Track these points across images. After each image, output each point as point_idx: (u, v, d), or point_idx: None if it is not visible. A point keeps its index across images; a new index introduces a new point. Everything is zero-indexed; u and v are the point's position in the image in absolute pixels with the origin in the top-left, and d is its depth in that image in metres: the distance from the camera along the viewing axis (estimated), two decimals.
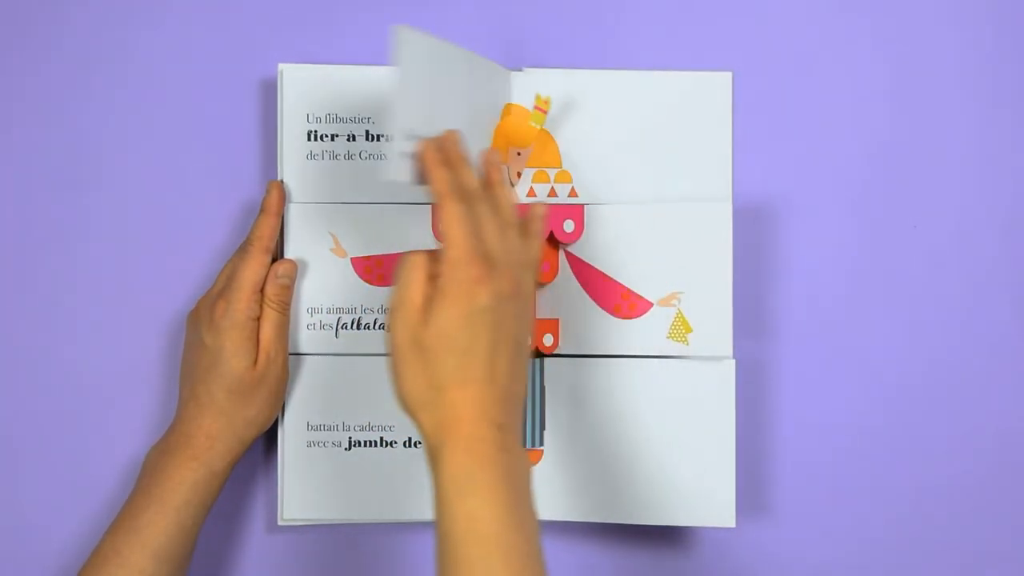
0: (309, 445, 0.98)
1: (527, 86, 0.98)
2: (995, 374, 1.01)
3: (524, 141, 0.98)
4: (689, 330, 0.96)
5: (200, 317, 0.94)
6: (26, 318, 1.00)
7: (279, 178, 0.98)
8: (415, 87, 0.86)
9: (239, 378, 0.93)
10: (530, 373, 0.97)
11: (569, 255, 0.98)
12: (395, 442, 0.98)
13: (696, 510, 0.97)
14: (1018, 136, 1.01)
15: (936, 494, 1.01)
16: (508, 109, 0.98)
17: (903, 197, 1.01)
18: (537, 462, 0.98)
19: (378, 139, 0.98)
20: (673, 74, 0.99)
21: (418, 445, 0.98)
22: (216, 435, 0.93)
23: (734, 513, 0.96)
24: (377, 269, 0.98)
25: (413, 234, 0.98)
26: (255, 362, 0.93)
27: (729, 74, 0.98)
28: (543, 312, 0.98)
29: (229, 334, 0.92)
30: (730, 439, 0.97)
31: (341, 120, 0.98)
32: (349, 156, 0.98)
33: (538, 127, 0.97)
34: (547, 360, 0.98)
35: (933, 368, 1.01)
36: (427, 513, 0.97)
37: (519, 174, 0.98)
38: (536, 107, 0.97)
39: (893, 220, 1.01)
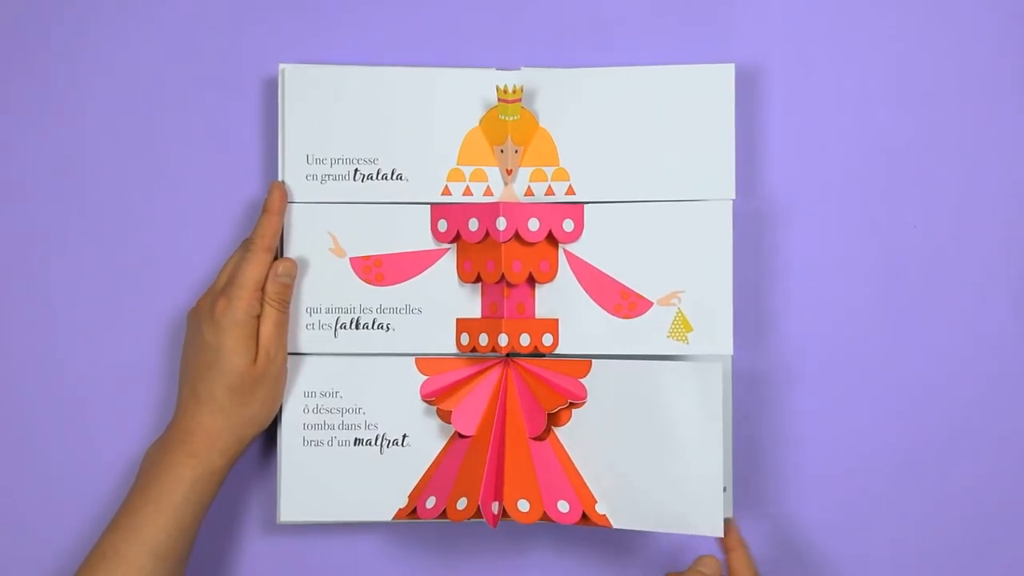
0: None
1: (527, 85, 0.98)
2: (995, 374, 1.01)
3: (499, 137, 0.98)
4: (689, 329, 0.96)
5: (201, 315, 0.94)
6: (27, 317, 1.00)
7: (280, 178, 0.98)
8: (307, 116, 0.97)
9: (239, 375, 0.93)
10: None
11: (568, 254, 0.98)
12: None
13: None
14: (1018, 136, 1.01)
15: (934, 491, 1.01)
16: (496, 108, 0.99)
17: (903, 197, 1.01)
18: None
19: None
20: (673, 68, 0.98)
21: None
22: (215, 433, 0.93)
23: (731, 506, 0.97)
24: (376, 269, 0.98)
25: (412, 234, 0.98)
26: (255, 360, 0.93)
27: (731, 66, 0.97)
28: (542, 312, 0.98)
29: (230, 332, 0.92)
30: (728, 437, 0.97)
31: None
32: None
33: (510, 119, 0.97)
34: (546, 360, 0.98)
35: (932, 367, 1.01)
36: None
37: (510, 171, 0.98)
38: (500, 100, 0.97)
39: (893, 220, 1.01)
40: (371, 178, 0.98)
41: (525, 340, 0.96)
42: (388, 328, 0.98)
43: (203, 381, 0.93)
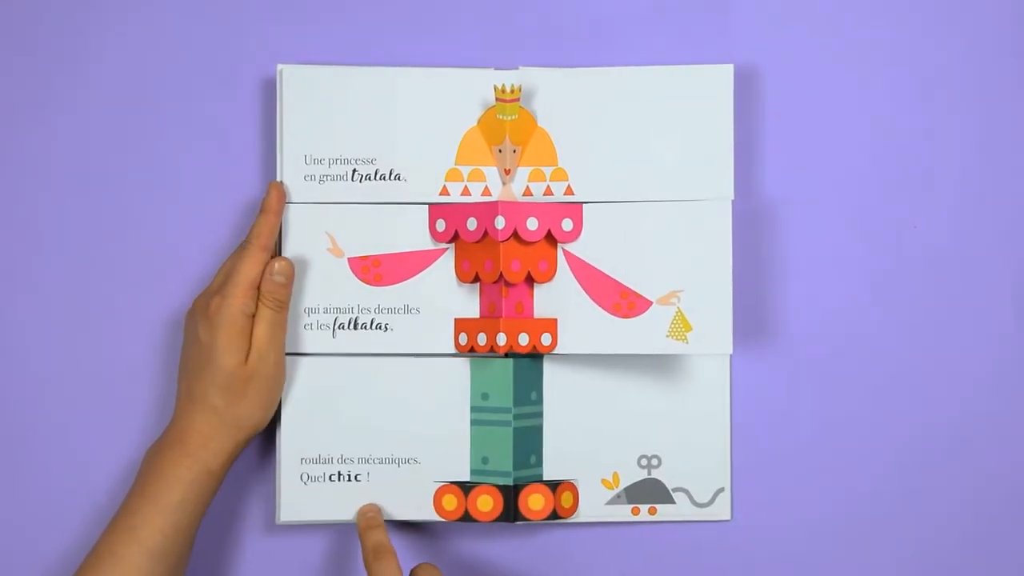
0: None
1: (525, 84, 0.98)
2: (995, 374, 1.00)
3: (498, 137, 0.98)
4: (689, 328, 0.96)
5: (196, 314, 0.94)
6: (25, 317, 1.00)
7: (278, 179, 0.98)
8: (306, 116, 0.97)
9: (229, 374, 0.92)
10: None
11: (567, 254, 0.98)
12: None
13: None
14: (1018, 136, 1.01)
15: (933, 491, 1.00)
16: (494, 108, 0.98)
17: (903, 197, 1.01)
18: None
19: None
20: (672, 68, 0.98)
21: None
22: (209, 433, 0.92)
23: (730, 506, 0.97)
24: (374, 269, 0.98)
25: (410, 234, 0.98)
26: (246, 359, 0.93)
27: (730, 67, 0.97)
28: (541, 311, 0.98)
29: (222, 330, 0.92)
30: (727, 436, 0.98)
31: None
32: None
33: (508, 118, 0.97)
34: (545, 359, 0.98)
35: (933, 368, 1.01)
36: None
37: (508, 171, 0.98)
38: (498, 99, 0.97)
39: (893, 220, 1.01)
40: (369, 178, 0.98)
41: (523, 340, 0.96)
42: (386, 328, 0.98)
43: (197, 380, 0.93)
